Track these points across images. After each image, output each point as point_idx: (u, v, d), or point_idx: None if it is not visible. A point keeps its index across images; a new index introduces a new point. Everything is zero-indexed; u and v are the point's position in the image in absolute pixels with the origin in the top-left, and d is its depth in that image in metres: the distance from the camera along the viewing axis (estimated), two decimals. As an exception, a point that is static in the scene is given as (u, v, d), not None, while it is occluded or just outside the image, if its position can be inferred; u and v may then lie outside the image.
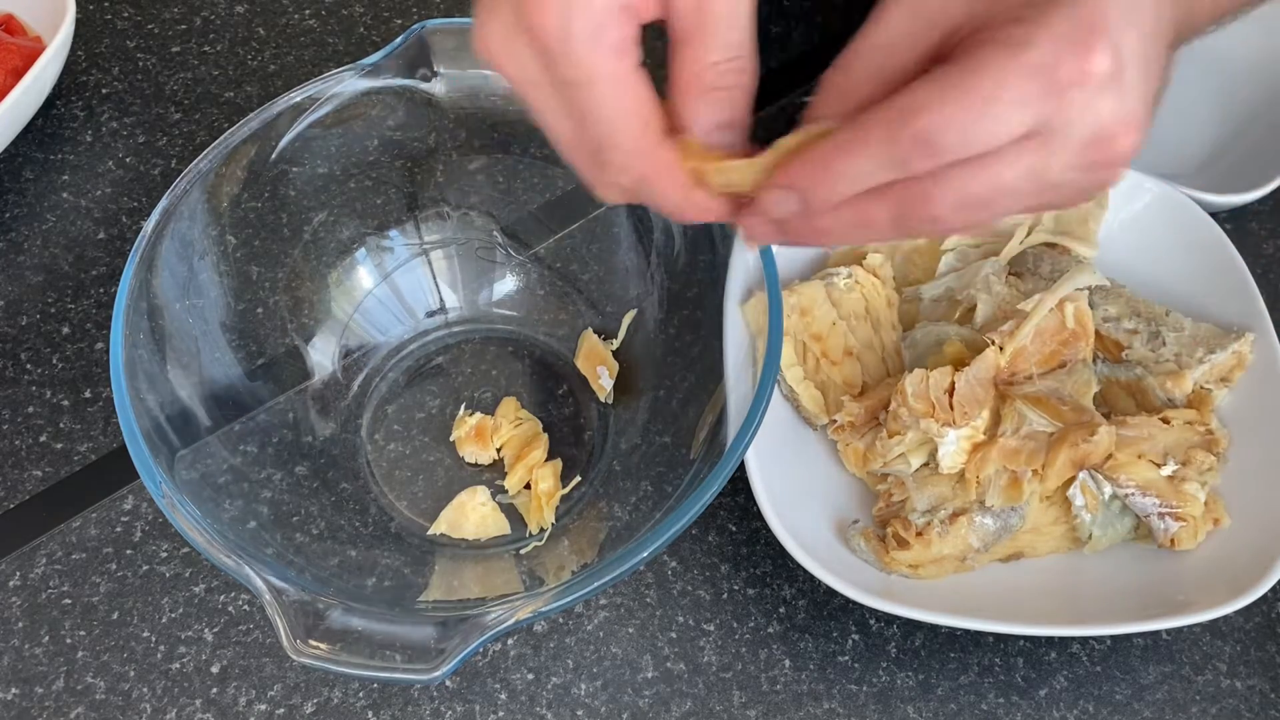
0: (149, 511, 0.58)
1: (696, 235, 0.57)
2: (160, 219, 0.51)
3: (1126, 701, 0.54)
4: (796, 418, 0.59)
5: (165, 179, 0.69)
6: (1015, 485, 0.53)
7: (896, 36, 0.37)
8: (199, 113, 0.72)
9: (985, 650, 0.55)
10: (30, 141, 0.70)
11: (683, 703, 0.53)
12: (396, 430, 0.59)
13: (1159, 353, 0.57)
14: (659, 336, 0.59)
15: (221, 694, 0.53)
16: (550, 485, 0.56)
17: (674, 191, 0.39)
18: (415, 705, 0.53)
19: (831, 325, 0.58)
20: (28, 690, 0.53)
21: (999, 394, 0.55)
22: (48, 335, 0.63)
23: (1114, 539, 0.55)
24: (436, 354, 0.62)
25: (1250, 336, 0.57)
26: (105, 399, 0.61)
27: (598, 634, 0.55)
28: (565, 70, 0.37)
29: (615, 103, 0.38)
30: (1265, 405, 0.56)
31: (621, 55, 0.38)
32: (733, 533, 0.58)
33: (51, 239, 0.67)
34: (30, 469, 0.59)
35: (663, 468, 0.55)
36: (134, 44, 0.75)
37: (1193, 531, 0.53)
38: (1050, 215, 0.61)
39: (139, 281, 0.50)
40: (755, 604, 0.56)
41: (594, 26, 0.37)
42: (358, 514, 0.56)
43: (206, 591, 0.56)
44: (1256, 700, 0.54)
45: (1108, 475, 0.53)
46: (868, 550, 0.54)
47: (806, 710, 0.53)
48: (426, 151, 0.59)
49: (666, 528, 0.45)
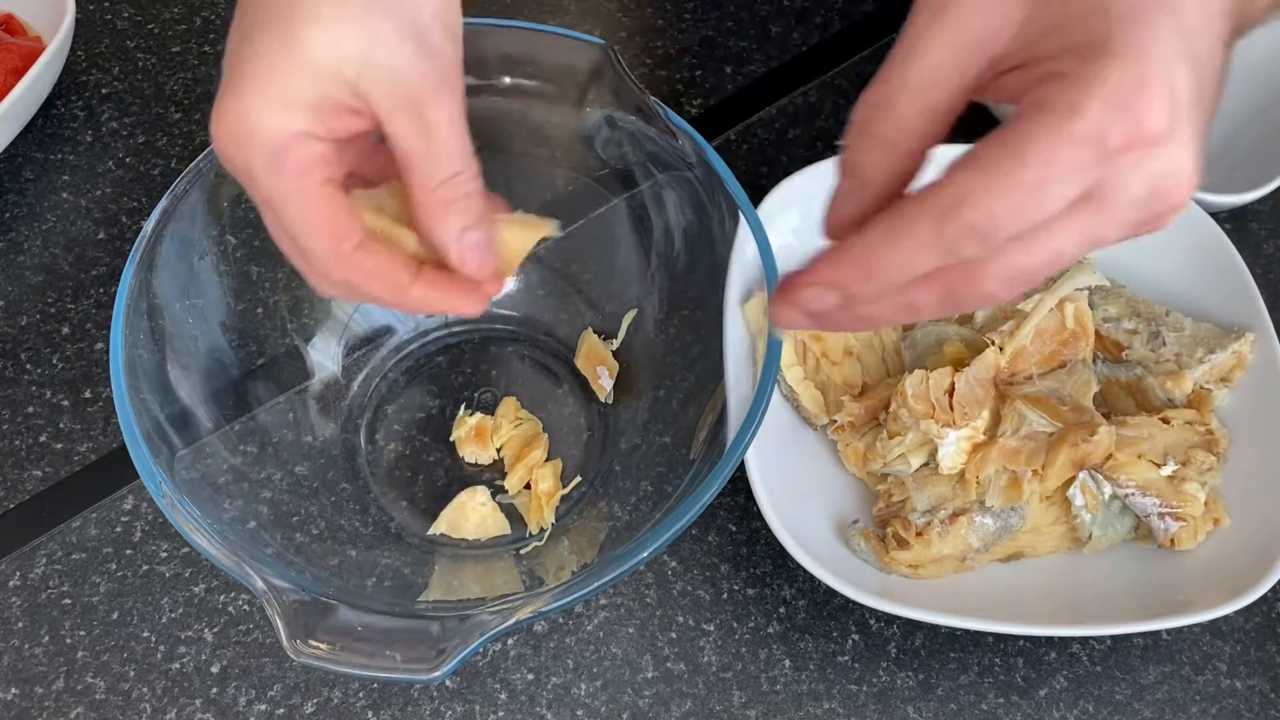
0: (149, 511, 0.58)
1: (697, 235, 0.57)
2: (160, 219, 0.51)
3: (1126, 701, 0.54)
4: (796, 418, 0.59)
5: (165, 179, 0.69)
6: (1015, 485, 0.53)
7: (939, 68, 0.36)
8: (199, 113, 0.72)
9: (985, 650, 0.55)
10: (30, 141, 0.70)
11: (683, 703, 0.53)
12: (396, 430, 0.59)
13: (1159, 353, 0.57)
14: (659, 336, 0.59)
15: (221, 694, 0.53)
16: (550, 485, 0.56)
17: (382, 291, 0.41)
18: (415, 705, 0.53)
19: (831, 325, 0.58)
20: (28, 690, 0.53)
21: (999, 394, 0.55)
22: (48, 335, 0.63)
23: (1114, 539, 0.55)
24: (436, 354, 0.62)
25: (1250, 336, 0.57)
26: (105, 399, 0.61)
27: (598, 634, 0.55)
28: (254, 191, 0.40)
29: (306, 220, 0.40)
30: (1265, 405, 0.56)
31: (305, 174, 0.39)
32: (733, 533, 0.58)
33: (51, 239, 0.67)
34: (30, 469, 0.59)
35: (663, 468, 0.55)
36: (134, 44, 0.75)
37: (1193, 531, 0.53)
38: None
39: (139, 281, 0.50)
40: (755, 604, 0.56)
41: (272, 154, 0.39)
42: (358, 514, 0.56)
43: (206, 591, 0.56)
44: (1256, 700, 0.54)
45: (1108, 475, 0.53)
46: (868, 550, 0.54)
47: (806, 710, 0.53)
48: (426, 151, 0.59)
49: (666, 528, 0.45)
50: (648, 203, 0.58)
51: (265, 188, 0.39)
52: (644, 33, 0.76)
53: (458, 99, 0.40)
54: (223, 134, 0.39)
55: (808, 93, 0.73)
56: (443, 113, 0.40)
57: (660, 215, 0.58)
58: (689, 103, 0.73)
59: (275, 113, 0.38)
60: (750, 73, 0.74)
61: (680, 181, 0.56)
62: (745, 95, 0.73)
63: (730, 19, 0.77)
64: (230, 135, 0.39)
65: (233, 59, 0.39)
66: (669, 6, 0.77)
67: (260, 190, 0.40)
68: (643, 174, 0.57)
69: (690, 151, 0.53)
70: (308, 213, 0.40)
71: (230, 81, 0.39)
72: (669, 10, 0.77)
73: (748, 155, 0.70)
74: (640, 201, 0.59)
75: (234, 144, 0.39)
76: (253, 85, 0.38)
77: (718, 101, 0.73)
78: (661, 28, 0.76)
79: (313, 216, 0.40)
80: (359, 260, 0.41)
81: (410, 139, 0.40)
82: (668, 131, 0.53)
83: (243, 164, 0.39)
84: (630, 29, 0.76)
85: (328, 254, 0.40)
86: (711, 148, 0.53)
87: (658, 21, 0.76)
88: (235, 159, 0.39)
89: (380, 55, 0.39)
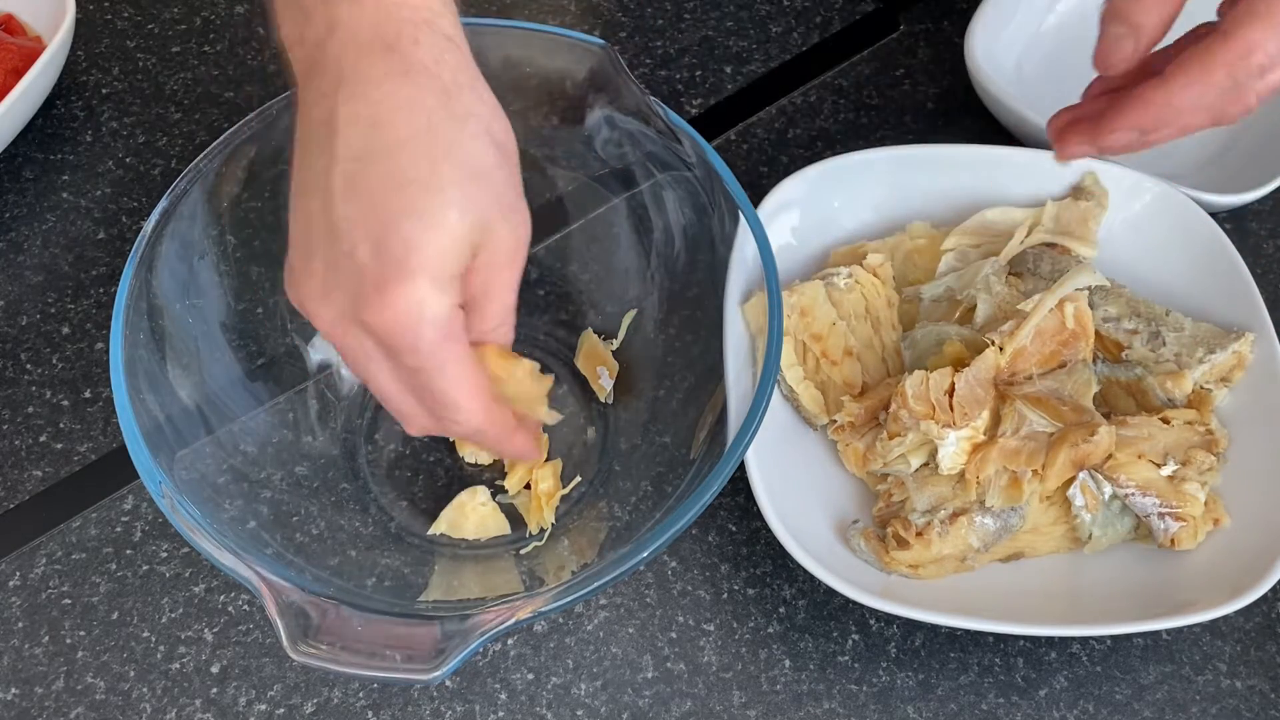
0: (149, 511, 0.58)
1: (697, 235, 0.57)
2: (160, 219, 0.51)
3: (1126, 701, 0.54)
4: (796, 418, 0.59)
5: (165, 179, 0.69)
6: (1015, 485, 0.53)
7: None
8: (199, 113, 0.72)
9: (985, 650, 0.55)
10: (30, 141, 0.70)
11: (683, 703, 0.53)
12: (396, 430, 0.59)
13: (1159, 353, 0.57)
14: (659, 336, 0.59)
15: (221, 694, 0.53)
16: (550, 485, 0.56)
17: (512, 442, 0.47)
18: (415, 705, 0.53)
19: (831, 325, 0.58)
20: (28, 690, 0.53)
21: (999, 394, 0.55)
22: (48, 335, 0.63)
23: (1114, 539, 0.55)
24: (436, 354, 0.61)
25: (1250, 336, 0.57)
26: (105, 399, 0.61)
27: (598, 634, 0.55)
28: (412, 361, 0.41)
29: (465, 381, 0.43)
30: (1265, 405, 0.56)
31: (462, 339, 0.42)
32: (733, 533, 0.58)
33: (51, 239, 0.67)
34: (30, 469, 0.59)
35: (663, 468, 0.55)
36: (134, 44, 0.75)
37: (1193, 531, 0.53)
38: (1050, 215, 0.61)
39: (139, 281, 0.50)
40: (755, 604, 0.56)
41: (443, 332, 0.41)
42: (358, 514, 0.56)
43: (206, 591, 0.56)
44: (1256, 700, 0.54)
45: (1108, 475, 0.53)
46: (868, 550, 0.54)
47: (806, 710, 0.53)
48: (426, 151, 0.59)
49: (666, 528, 0.45)
50: (648, 203, 0.59)
51: (426, 358, 0.41)
52: (644, 33, 0.76)
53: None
54: (391, 319, 0.40)
55: (808, 93, 0.73)
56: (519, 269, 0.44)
57: (660, 215, 0.58)
58: (689, 103, 0.73)
59: (444, 293, 0.41)
60: (750, 73, 0.74)
61: (680, 181, 0.56)
62: (745, 95, 0.73)
63: (730, 19, 0.77)
64: (401, 317, 0.40)
65: (380, 246, 0.40)
66: (669, 6, 0.77)
67: (419, 360, 0.41)
68: (643, 174, 0.57)
69: (690, 151, 0.53)
70: (466, 374, 0.43)
71: (389, 269, 0.40)
72: (669, 10, 0.77)
73: (748, 155, 0.70)
74: (640, 201, 0.59)
75: (404, 326, 0.40)
76: (421, 270, 0.40)
77: (718, 101, 0.73)
78: (661, 28, 0.76)
79: (470, 378, 0.43)
80: (497, 413, 0.45)
81: (476, 298, 0.43)
82: (668, 131, 0.53)
83: (410, 341, 0.41)
84: (630, 29, 0.76)
85: (477, 409, 0.44)
86: (711, 148, 0.53)
87: (658, 21, 0.77)
88: (401, 338, 0.41)
89: (493, 219, 0.42)
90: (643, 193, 0.58)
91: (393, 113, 0.40)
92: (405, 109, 0.40)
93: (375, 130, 0.40)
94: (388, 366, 0.43)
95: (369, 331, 0.41)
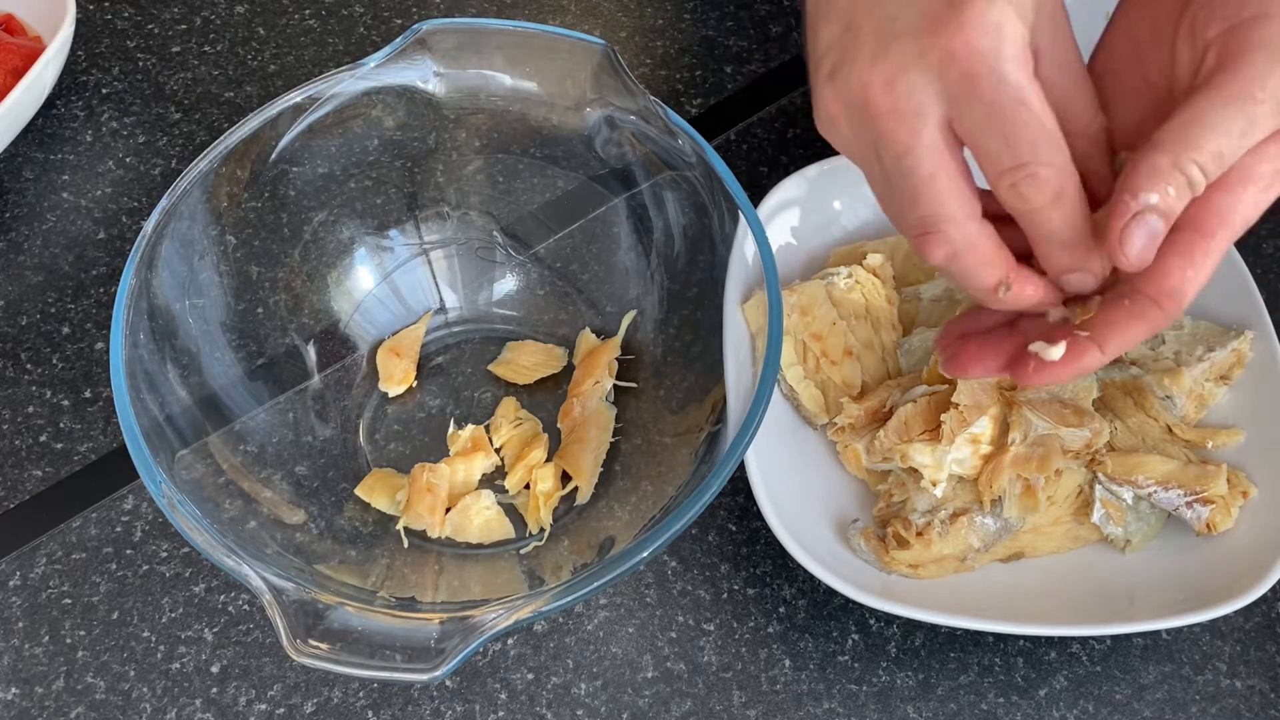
0: (149, 511, 0.58)
1: (697, 235, 0.57)
2: (160, 219, 0.51)
3: (1126, 701, 0.54)
4: (796, 418, 0.59)
5: (165, 179, 0.69)
6: (1030, 493, 0.53)
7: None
8: (199, 113, 0.72)
9: (985, 650, 0.55)
10: (30, 141, 0.70)
11: (683, 703, 0.54)
12: (396, 430, 0.59)
13: (1158, 351, 0.57)
14: (659, 336, 0.59)
15: (221, 694, 0.53)
16: (550, 485, 0.56)
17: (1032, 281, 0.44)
18: (415, 705, 0.53)
19: (831, 325, 0.58)
20: (28, 690, 0.53)
21: (1005, 401, 0.55)
22: (48, 335, 0.63)
23: (1151, 535, 0.54)
24: (436, 354, 0.62)
25: (1249, 334, 0.57)
26: (105, 399, 0.61)
27: (598, 634, 0.55)
28: (990, 95, 0.39)
29: (1045, 117, 0.40)
30: (1265, 404, 0.56)
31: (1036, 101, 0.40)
32: (733, 533, 0.58)
33: (51, 239, 0.67)
34: (30, 469, 0.59)
35: (663, 468, 0.55)
36: (134, 44, 0.75)
37: (1225, 510, 0.53)
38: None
39: (139, 281, 0.50)
40: (755, 604, 0.56)
41: (1027, 69, 0.40)
42: (358, 514, 0.56)
43: (206, 591, 0.56)
44: (1256, 700, 0.54)
45: (1125, 479, 0.53)
46: (868, 550, 0.54)
47: (806, 710, 0.53)
48: (426, 151, 0.59)
49: (666, 528, 0.45)
50: (648, 203, 0.59)
51: (1012, 89, 0.39)
52: (644, 33, 0.76)
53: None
54: (972, 38, 0.38)
55: (808, 93, 0.73)
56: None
57: (660, 215, 0.58)
58: (689, 103, 0.73)
59: (1022, 21, 0.39)
60: (750, 72, 0.74)
61: (680, 181, 0.56)
62: (745, 95, 0.73)
63: (730, 19, 0.77)
64: (982, 38, 0.38)
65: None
66: (669, 6, 0.77)
67: (997, 93, 0.39)
68: (643, 174, 0.58)
69: (690, 151, 0.53)
70: (1040, 109, 0.40)
71: (960, 9, 0.39)
72: (669, 10, 0.77)
73: (748, 155, 0.71)
74: (640, 201, 0.59)
75: (985, 48, 0.39)
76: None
77: (718, 101, 0.73)
78: (661, 28, 0.76)
79: (1044, 112, 0.40)
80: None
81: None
82: (668, 131, 0.53)
83: (988, 66, 0.39)
84: (630, 29, 0.76)
85: (1052, 142, 0.40)
86: (711, 148, 0.53)
87: (658, 21, 0.77)
88: (981, 62, 0.39)
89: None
90: (643, 193, 0.58)
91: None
92: None
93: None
94: (943, 111, 0.40)
95: (940, 69, 0.39)
